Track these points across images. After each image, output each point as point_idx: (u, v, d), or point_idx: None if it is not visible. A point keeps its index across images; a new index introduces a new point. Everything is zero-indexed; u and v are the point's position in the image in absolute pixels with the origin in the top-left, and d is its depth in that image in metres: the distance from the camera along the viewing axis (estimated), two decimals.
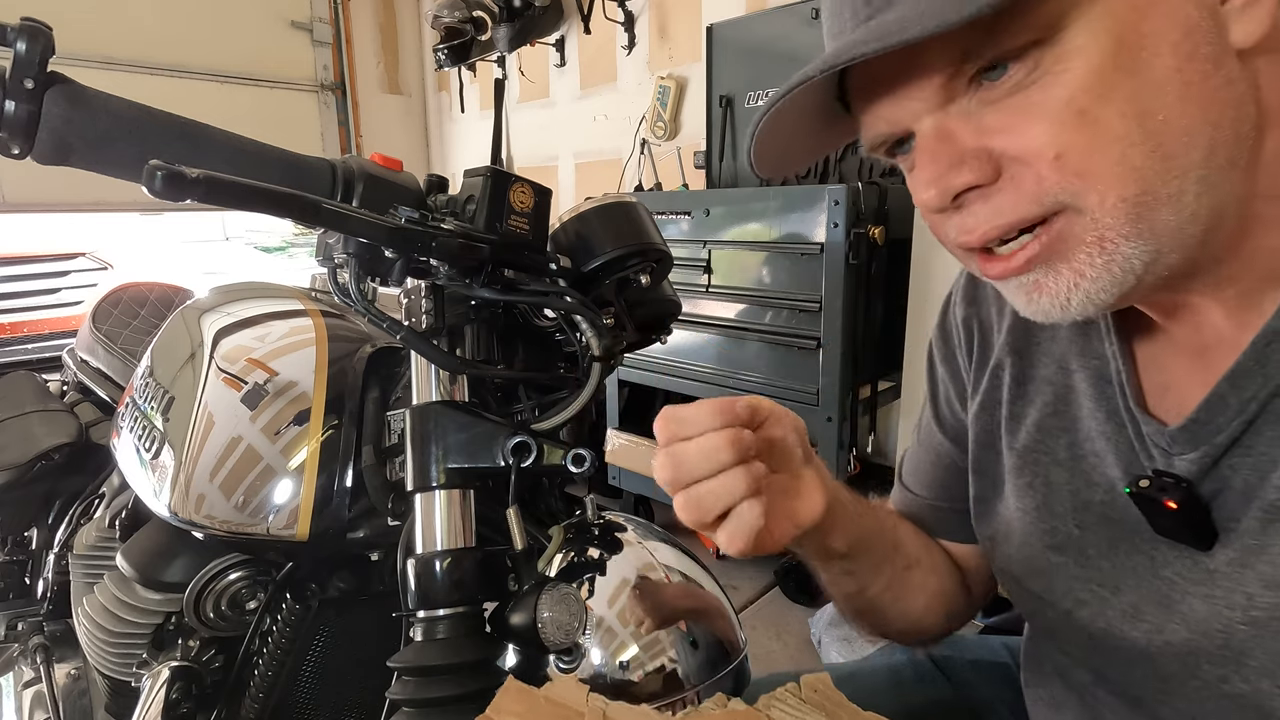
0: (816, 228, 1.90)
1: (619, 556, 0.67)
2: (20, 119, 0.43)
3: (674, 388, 2.37)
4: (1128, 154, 0.37)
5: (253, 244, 5.54)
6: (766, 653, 1.99)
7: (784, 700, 0.41)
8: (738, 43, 2.60)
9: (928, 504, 0.70)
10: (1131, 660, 0.50)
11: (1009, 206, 0.40)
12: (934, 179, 0.41)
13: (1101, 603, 0.51)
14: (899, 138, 0.45)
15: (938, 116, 0.41)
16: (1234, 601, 0.43)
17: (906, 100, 0.42)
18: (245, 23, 3.48)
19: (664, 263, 0.65)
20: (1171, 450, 0.47)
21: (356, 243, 0.51)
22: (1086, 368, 0.54)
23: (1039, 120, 0.38)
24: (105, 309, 1.49)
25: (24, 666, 1.25)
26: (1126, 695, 0.53)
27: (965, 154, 0.40)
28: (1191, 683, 0.46)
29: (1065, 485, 0.54)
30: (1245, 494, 0.44)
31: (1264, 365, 0.42)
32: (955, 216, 0.43)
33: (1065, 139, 0.37)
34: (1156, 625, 0.48)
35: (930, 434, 0.70)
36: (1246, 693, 0.43)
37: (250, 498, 0.71)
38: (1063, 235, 0.40)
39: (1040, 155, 0.38)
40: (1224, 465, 0.45)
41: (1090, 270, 0.40)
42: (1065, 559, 0.54)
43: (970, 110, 0.40)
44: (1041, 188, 0.39)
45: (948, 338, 0.67)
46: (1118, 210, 0.38)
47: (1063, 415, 0.56)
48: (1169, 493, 0.46)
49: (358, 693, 0.80)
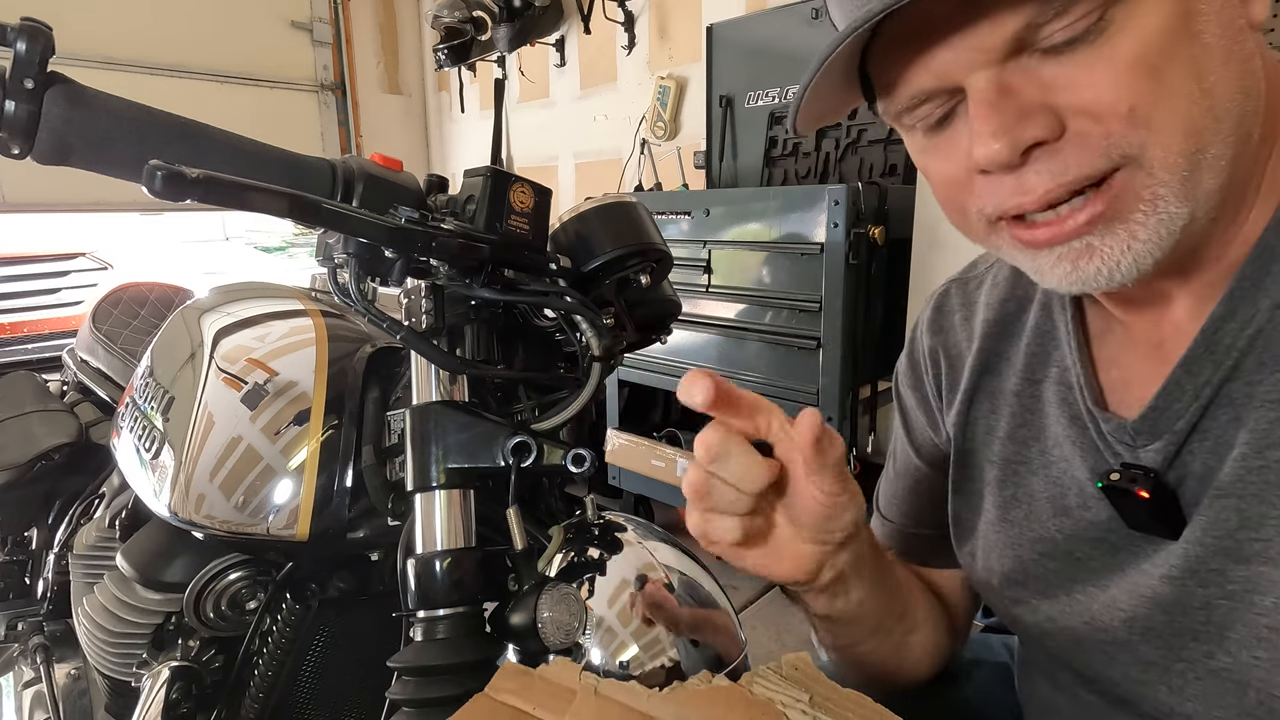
0: (816, 228, 1.90)
1: (619, 556, 0.67)
2: (20, 119, 0.43)
3: (674, 388, 2.37)
4: (1190, 110, 0.38)
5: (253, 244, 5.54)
6: (766, 653, 1.99)
7: (766, 677, 0.42)
8: (738, 43, 2.60)
9: (908, 532, 0.71)
10: (1113, 655, 0.51)
11: (1075, 163, 0.39)
12: (1002, 129, 0.39)
13: (1089, 599, 0.52)
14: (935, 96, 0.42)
15: (995, 70, 0.39)
16: (1207, 579, 0.45)
17: (965, 50, 0.39)
18: (245, 23, 3.48)
19: (664, 263, 0.65)
20: (1135, 443, 0.48)
21: (356, 243, 0.51)
22: (1049, 376, 0.56)
23: (1112, 73, 0.37)
24: (105, 309, 1.49)
25: (24, 666, 1.25)
26: (1110, 695, 0.54)
27: (1031, 107, 0.39)
28: (1176, 665, 0.47)
29: (1043, 493, 0.55)
30: (1204, 476, 0.45)
31: (1213, 351, 0.44)
32: (1008, 178, 0.41)
33: (1137, 92, 0.37)
34: (1137, 615, 0.49)
35: (906, 460, 0.70)
36: (1230, 666, 0.44)
37: (250, 498, 0.71)
38: (1121, 193, 0.39)
39: (1113, 108, 0.37)
40: (1185, 452, 0.46)
41: (1142, 231, 0.40)
42: (1056, 564, 0.55)
43: (1030, 68, 0.39)
44: (1110, 141, 0.38)
45: (915, 367, 0.68)
46: (1177, 166, 0.38)
47: (1031, 425, 0.57)
48: (1139, 482, 0.47)
49: (358, 693, 0.80)
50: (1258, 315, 0.43)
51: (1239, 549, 0.43)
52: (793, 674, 0.43)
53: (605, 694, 0.41)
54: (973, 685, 0.77)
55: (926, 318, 0.67)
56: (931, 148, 0.45)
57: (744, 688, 0.42)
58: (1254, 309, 0.43)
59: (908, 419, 0.70)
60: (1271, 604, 0.42)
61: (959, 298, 0.66)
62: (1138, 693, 0.51)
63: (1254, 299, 0.43)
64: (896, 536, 0.71)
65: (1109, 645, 0.51)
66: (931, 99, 0.43)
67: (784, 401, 2.03)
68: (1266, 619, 0.43)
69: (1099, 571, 0.52)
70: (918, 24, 0.40)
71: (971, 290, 0.65)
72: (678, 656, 0.65)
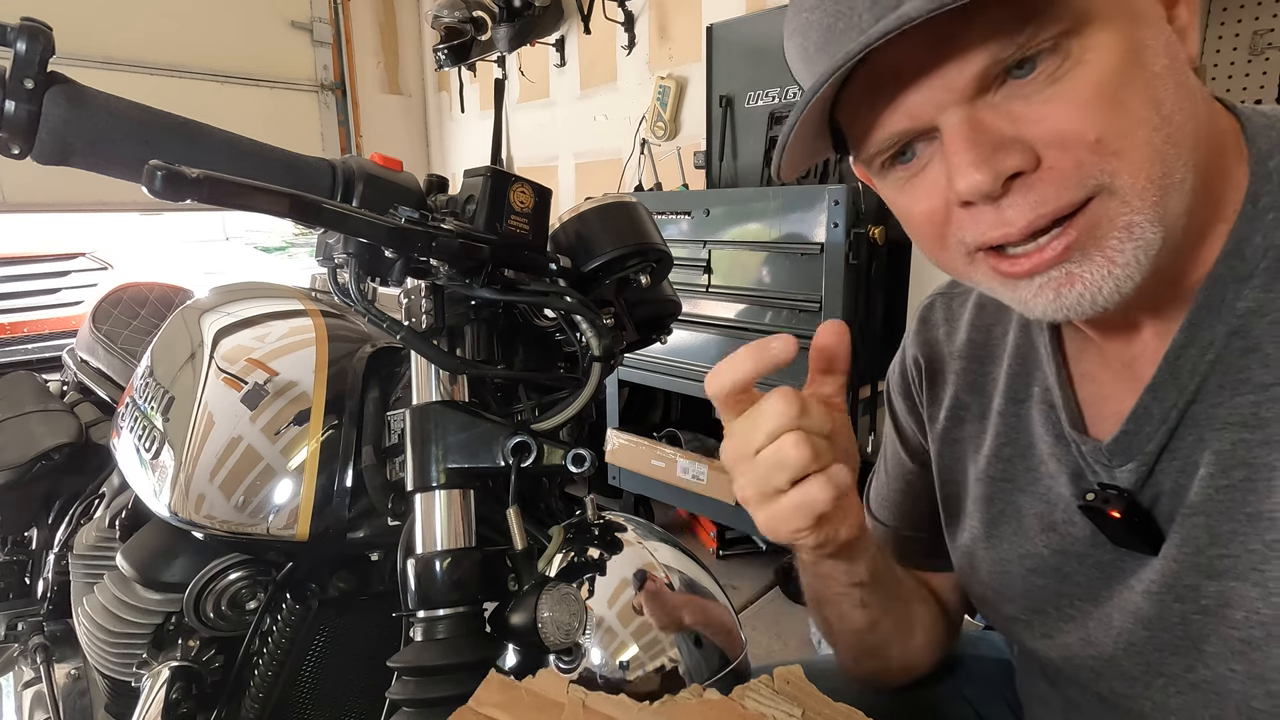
0: (816, 228, 1.90)
1: (619, 556, 0.67)
2: (20, 119, 0.43)
3: (674, 388, 2.38)
4: (1151, 137, 0.39)
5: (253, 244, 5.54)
6: (766, 653, 1.99)
7: (757, 690, 0.42)
8: (738, 43, 2.60)
9: (903, 535, 0.71)
10: (1099, 670, 0.53)
11: (1053, 194, 0.40)
12: (981, 160, 0.40)
13: (1083, 615, 0.53)
14: (909, 139, 0.44)
15: (966, 109, 0.40)
16: (1183, 595, 0.47)
17: (936, 91, 0.41)
18: (245, 23, 3.48)
19: (664, 263, 0.65)
20: (1111, 463, 0.50)
21: (356, 243, 0.51)
22: (1032, 395, 0.58)
23: (1076, 105, 0.39)
24: (105, 309, 1.49)
25: (24, 666, 1.25)
26: (1102, 699, 0.55)
27: (1004, 140, 0.40)
28: (1157, 680, 0.49)
29: (1030, 510, 0.57)
30: (1175, 495, 0.47)
31: (1176, 376, 0.46)
32: (988, 210, 0.42)
33: (1102, 122, 0.38)
34: (1121, 629, 0.50)
35: (898, 463, 0.71)
36: (1209, 679, 0.46)
37: (250, 498, 0.71)
38: (1097, 219, 0.40)
39: (1080, 138, 0.39)
40: (1157, 472, 0.48)
41: (1120, 257, 0.41)
42: (1045, 580, 0.56)
43: (997, 104, 0.40)
44: (1082, 171, 0.39)
45: (904, 375, 0.70)
46: (1146, 191, 0.39)
47: (1017, 443, 0.58)
48: (1112, 503, 0.49)
49: (358, 693, 0.80)
50: (1215, 342, 0.45)
51: (1210, 565, 0.45)
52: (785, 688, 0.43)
53: (593, 707, 0.41)
54: (972, 681, 0.77)
55: (912, 329, 0.69)
56: (909, 188, 0.46)
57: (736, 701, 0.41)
58: (1211, 335, 0.45)
59: (899, 424, 0.71)
60: (1242, 618, 0.44)
61: (943, 311, 0.68)
62: (1124, 704, 0.52)
63: (1211, 325, 0.45)
64: (890, 539, 0.72)
65: (1094, 660, 0.53)
66: (902, 140, 0.44)
67: None
68: (1239, 632, 0.44)
69: (1086, 587, 0.53)
70: (886, 70, 0.42)
71: (955, 307, 0.67)
72: (678, 657, 0.65)
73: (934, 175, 0.44)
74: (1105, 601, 0.52)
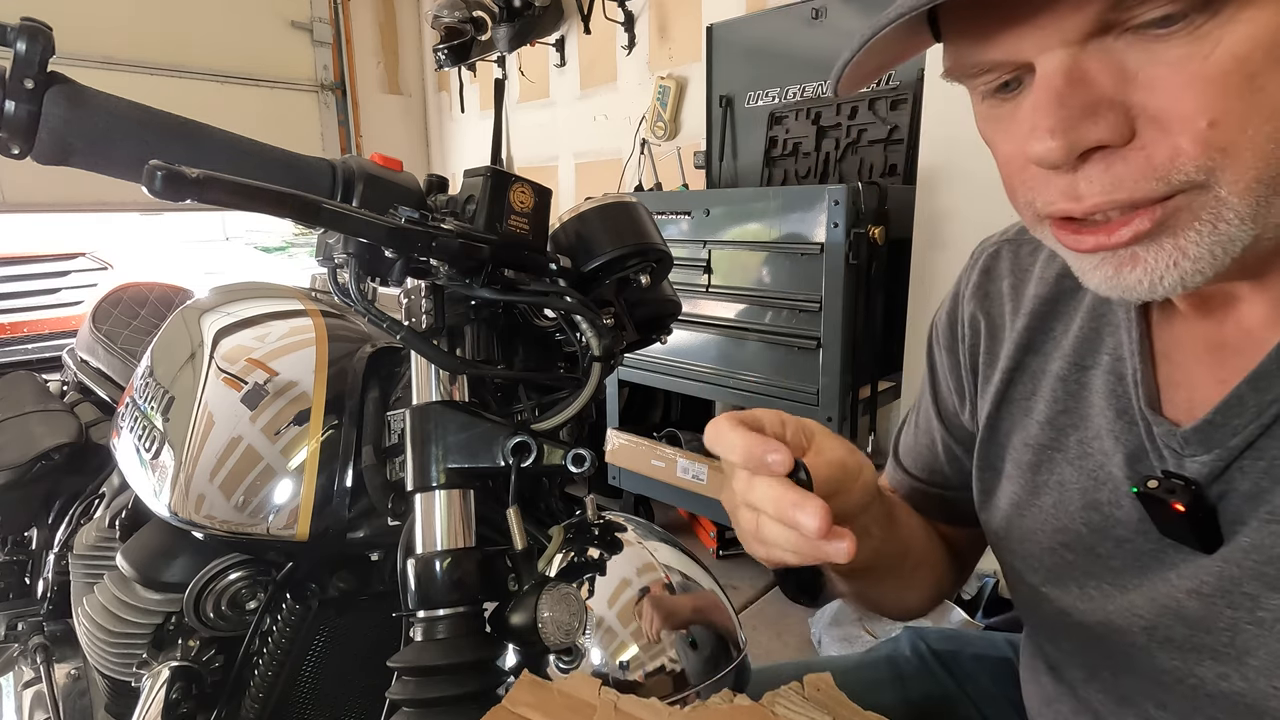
0: (816, 228, 1.90)
1: (619, 556, 0.67)
2: (20, 119, 0.43)
3: (674, 388, 2.37)
4: (1275, 134, 0.34)
5: (253, 244, 5.54)
6: (767, 652, 1.99)
7: (788, 698, 0.42)
8: (738, 43, 2.60)
9: (922, 487, 0.70)
10: (1128, 658, 0.50)
11: (1132, 180, 0.36)
12: (1062, 127, 0.35)
13: (1106, 599, 0.51)
14: (1006, 71, 0.39)
15: (1072, 51, 0.35)
16: (1238, 602, 0.43)
17: (1042, 25, 0.35)
18: (245, 23, 3.48)
19: (664, 263, 0.65)
20: (1183, 452, 0.46)
21: (356, 243, 0.51)
22: (1099, 363, 0.53)
23: (1202, 79, 0.33)
24: (105, 309, 1.49)
25: (24, 666, 1.25)
26: (1116, 693, 0.53)
27: (1100, 103, 0.35)
28: (1189, 680, 0.46)
29: (1074, 484, 0.54)
30: (1254, 497, 0.43)
31: None
32: (1060, 178, 0.38)
33: (1225, 105, 0.33)
34: (1157, 623, 0.48)
35: (928, 419, 0.69)
36: (1244, 690, 0.43)
37: (250, 498, 0.71)
38: (1177, 212, 0.36)
39: (1189, 121, 0.34)
40: (1234, 468, 0.44)
41: (1194, 250, 0.36)
42: (1075, 556, 0.53)
43: (1112, 49, 0.35)
44: (1174, 164, 0.35)
45: (953, 328, 0.65)
46: (1249, 193, 0.35)
47: (1073, 412, 0.54)
48: (1177, 495, 0.45)
49: (358, 693, 0.80)
50: None
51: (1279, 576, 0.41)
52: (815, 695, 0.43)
53: (625, 710, 0.40)
54: (975, 679, 0.77)
55: (972, 281, 0.63)
56: (994, 118, 0.42)
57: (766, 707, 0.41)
58: None
59: (936, 380, 0.67)
60: None
61: (1009, 261, 0.61)
62: (1146, 700, 0.50)
63: None
64: (912, 490, 0.71)
65: (1127, 648, 0.50)
66: (994, 71, 0.39)
67: (784, 402, 2.03)
68: None
69: (1119, 572, 0.51)
70: None
71: (1025, 256, 0.61)
72: (678, 657, 0.65)
73: (1020, 114, 0.39)
74: (1133, 590, 0.49)
